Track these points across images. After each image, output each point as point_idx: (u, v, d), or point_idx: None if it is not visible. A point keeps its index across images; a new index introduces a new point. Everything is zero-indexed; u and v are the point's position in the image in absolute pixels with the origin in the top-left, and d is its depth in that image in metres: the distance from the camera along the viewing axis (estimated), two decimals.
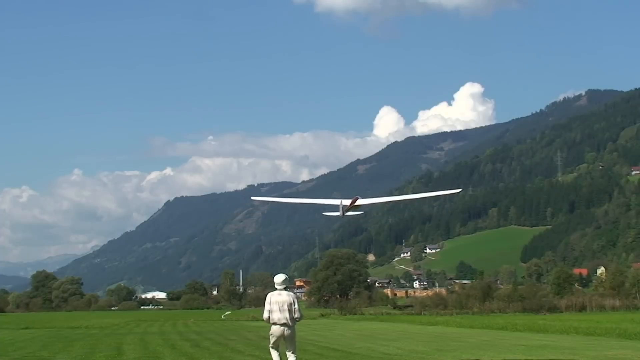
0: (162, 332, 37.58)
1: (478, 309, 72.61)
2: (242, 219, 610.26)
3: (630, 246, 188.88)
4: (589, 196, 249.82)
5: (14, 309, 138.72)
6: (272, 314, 14.04)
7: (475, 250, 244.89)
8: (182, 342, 27.19)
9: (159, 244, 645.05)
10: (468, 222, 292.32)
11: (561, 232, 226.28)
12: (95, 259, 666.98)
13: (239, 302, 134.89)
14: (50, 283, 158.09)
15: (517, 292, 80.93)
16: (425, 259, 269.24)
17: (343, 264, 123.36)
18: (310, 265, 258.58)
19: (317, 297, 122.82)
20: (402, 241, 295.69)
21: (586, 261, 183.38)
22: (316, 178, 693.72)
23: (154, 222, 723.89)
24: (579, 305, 73.22)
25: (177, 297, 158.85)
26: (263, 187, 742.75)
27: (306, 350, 22.12)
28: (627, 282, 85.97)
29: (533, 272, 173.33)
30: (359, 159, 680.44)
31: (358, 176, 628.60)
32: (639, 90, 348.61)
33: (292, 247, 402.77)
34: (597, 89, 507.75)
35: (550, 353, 20.40)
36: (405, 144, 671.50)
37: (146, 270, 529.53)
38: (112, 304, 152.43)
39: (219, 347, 24.03)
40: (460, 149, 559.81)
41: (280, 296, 14.10)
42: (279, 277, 14.43)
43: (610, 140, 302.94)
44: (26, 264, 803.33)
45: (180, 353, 21.80)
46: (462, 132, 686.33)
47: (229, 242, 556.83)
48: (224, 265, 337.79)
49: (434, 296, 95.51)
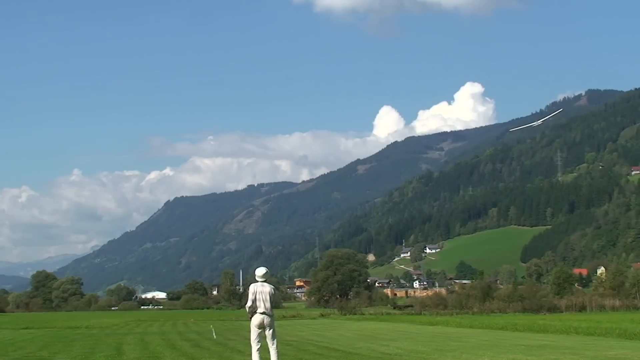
0: (162, 332, 37.56)
1: (478, 309, 72.53)
2: (242, 219, 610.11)
3: (630, 246, 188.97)
4: (589, 196, 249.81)
5: (14, 309, 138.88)
6: (255, 302, 15.05)
7: (475, 250, 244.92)
8: (182, 342, 27.19)
9: (159, 244, 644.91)
10: (468, 222, 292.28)
11: (561, 232, 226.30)
12: (95, 259, 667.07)
13: (239, 302, 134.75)
14: (50, 283, 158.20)
15: (517, 292, 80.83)
16: (425, 259, 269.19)
17: (343, 264, 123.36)
18: (310, 265, 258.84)
19: (317, 297, 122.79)
20: (402, 241, 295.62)
21: (586, 261, 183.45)
22: (316, 178, 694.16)
23: (154, 222, 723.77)
24: (579, 305, 73.18)
25: (177, 297, 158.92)
26: (263, 187, 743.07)
27: (306, 350, 22.11)
28: (627, 282, 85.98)
29: (533, 272, 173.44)
30: (359, 159, 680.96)
31: (358, 176, 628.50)
32: (638, 90, 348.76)
33: (292, 247, 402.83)
34: (597, 89, 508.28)
35: (550, 353, 20.39)
36: (405, 144, 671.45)
37: (146, 270, 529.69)
38: (112, 304, 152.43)
39: (219, 347, 24.01)
40: (460, 149, 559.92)
41: (263, 287, 15.18)
42: (260, 271, 15.52)
43: (610, 140, 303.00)
44: (26, 264, 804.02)
45: (180, 353, 21.79)
46: (462, 132, 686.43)
47: (229, 242, 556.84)
48: (224, 265, 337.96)
49: (434, 296, 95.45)
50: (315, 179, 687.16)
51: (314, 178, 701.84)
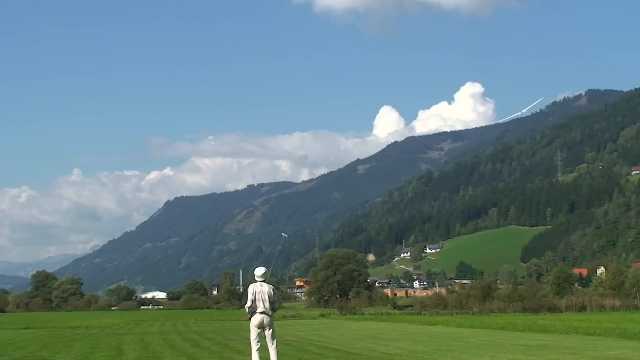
0: (162, 332, 37.55)
1: (478, 309, 72.48)
2: (242, 219, 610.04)
3: (630, 246, 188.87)
4: (589, 196, 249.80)
5: (14, 309, 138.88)
6: (254, 302, 15.13)
7: (475, 250, 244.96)
8: (182, 342, 27.18)
9: (159, 244, 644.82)
10: (468, 222, 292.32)
11: (561, 232, 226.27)
12: (95, 259, 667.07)
13: (238, 302, 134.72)
14: (50, 283, 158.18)
15: (517, 292, 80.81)
16: (425, 259, 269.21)
17: (343, 264, 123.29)
18: (310, 265, 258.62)
19: (317, 297, 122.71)
20: (402, 241, 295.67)
21: (586, 261, 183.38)
22: (316, 178, 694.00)
23: (154, 222, 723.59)
24: (579, 305, 73.12)
25: (177, 297, 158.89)
26: (263, 187, 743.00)
27: (306, 350, 22.11)
28: (627, 282, 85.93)
29: (533, 272, 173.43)
30: (359, 159, 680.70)
31: (358, 176, 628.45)
32: (638, 90, 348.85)
33: (292, 247, 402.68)
34: (597, 89, 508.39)
35: (550, 353, 20.38)
36: (405, 144, 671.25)
37: (146, 270, 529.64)
38: (112, 304, 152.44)
39: (219, 347, 24.01)
40: (460, 149, 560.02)
41: (262, 287, 15.28)
42: (260, 270, 15.65)
43: (610, 140, 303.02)
44: (26, 264, 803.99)
45: (180, 353, 21.78)
46: (462, 132, 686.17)
47: (229, 242, 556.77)
48: (224, 265, 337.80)
49: (434, 296, 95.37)
50: (315, 179, 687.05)
51: (314, 178, 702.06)
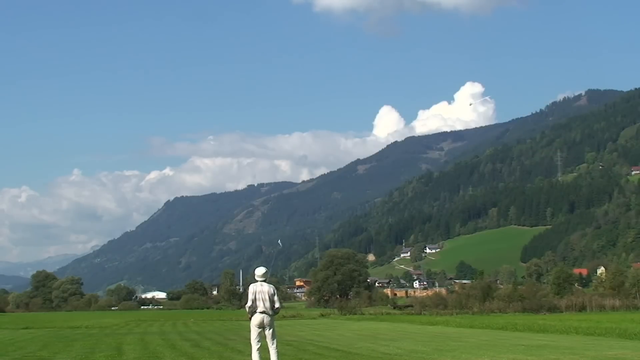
0: (162, 332, 37.54)
1: (478, 309, 72.46)
2: (242, 219, 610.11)
3: (630, 246, 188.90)
4: (589, 196, 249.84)
5: (14, 309, 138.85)
6: (255, 302, 15.11)
7: (475, 250, 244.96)
8: (182, 342, 27.18)
9: (159, 244, 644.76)
10: (468, 222, 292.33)
11: (561, 232, 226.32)
12: (95, 259, 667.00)
13: (238, 302, 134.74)
14: (50, 283, 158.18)
15: (517, 292, 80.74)
16: (425, 259, 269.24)
17: (343, 264, 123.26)
18: (310, 265, 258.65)
19: (317, 297, 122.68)
20: (402, 241, 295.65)
21: (586, 261, 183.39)
22: (316, 178, 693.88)
23: (153, 222, 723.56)
24: (579, 305, 73.08)
25: (177, 297, 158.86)
26: (263, 187, 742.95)
27: (306, 350, 22.10)
28: (627, 282, 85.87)
29: (533, 272, 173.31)
30: (359, 159, 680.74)
31: (358, 176, 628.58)
32: (638, 90, 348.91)
33: (292, 247, 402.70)
34: (597, 89, 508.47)
35: (550, 353, 20.38)
36: (405, 144, 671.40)
37: (146, 270, 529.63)
38: (112, 304, 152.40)
39: (219, 347, 24.01)
40: (460, 149, 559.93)
41: (262, 287, 15.24)
42: (260, 270, 15.61)
43: (610, 140, 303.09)
44: (26, 264, 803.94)
45: (180, 353, 21.77)
46: (462, 132, 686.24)
47: (229, 242, 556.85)
48: (224, 265, 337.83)
49: (433, 296, 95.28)
50: (315, 179, 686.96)
51: (314, 178, 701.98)
